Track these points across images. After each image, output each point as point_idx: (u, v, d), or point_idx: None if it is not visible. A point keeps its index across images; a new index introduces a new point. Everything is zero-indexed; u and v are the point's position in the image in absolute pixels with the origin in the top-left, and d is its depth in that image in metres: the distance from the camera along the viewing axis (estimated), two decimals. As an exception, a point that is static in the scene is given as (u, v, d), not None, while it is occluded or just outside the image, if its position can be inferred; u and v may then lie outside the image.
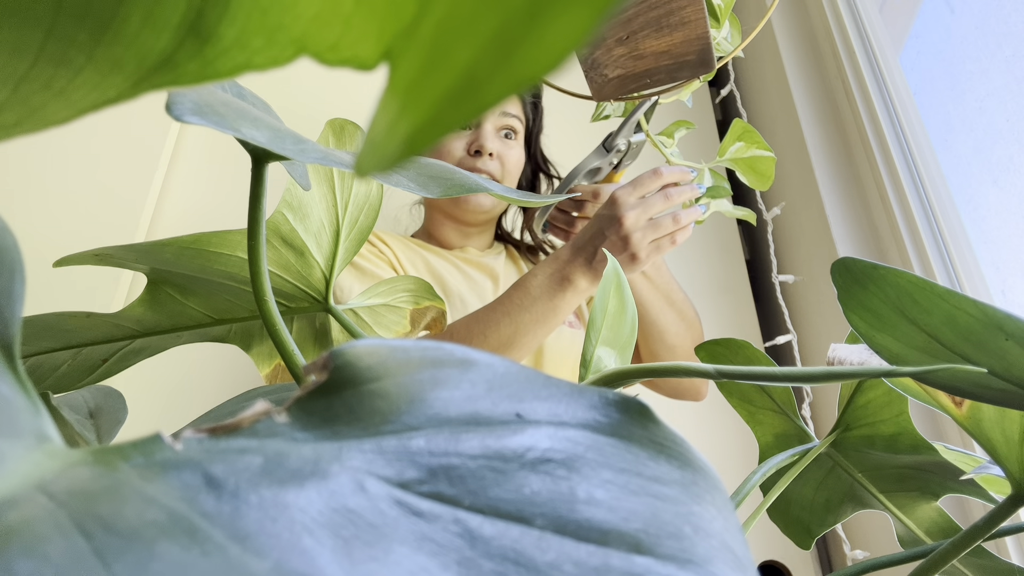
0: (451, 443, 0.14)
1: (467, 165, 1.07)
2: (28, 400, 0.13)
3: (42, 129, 0.14)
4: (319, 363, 0.15)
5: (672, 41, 0.52)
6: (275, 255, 0.40)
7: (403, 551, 0.11)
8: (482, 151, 1.07)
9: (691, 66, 0.54)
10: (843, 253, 1.17)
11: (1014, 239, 1.02)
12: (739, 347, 0.42)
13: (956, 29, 1.20)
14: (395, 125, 0.10)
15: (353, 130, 0.42)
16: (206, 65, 0.13)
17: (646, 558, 0.12)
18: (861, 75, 1.23)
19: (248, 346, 0.45)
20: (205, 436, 0.13)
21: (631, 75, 0.55)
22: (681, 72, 0.55)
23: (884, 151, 1.16)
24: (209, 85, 0.21)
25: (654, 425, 0.16)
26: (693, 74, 0.55)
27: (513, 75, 0.08)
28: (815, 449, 0.39)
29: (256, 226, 0.28)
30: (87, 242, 0.48)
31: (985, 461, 0.36)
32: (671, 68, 0.54)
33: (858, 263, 0.25)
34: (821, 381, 0.21)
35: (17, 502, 0.10)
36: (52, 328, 0.37)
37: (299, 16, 0.12)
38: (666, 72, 0.55)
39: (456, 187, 0.30)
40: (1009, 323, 0.22)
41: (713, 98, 1.69)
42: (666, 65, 0.54)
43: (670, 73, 0.55)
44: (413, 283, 0.50)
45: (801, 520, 0.44)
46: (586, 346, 0.31)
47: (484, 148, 1.07)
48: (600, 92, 0.59)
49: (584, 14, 0.07)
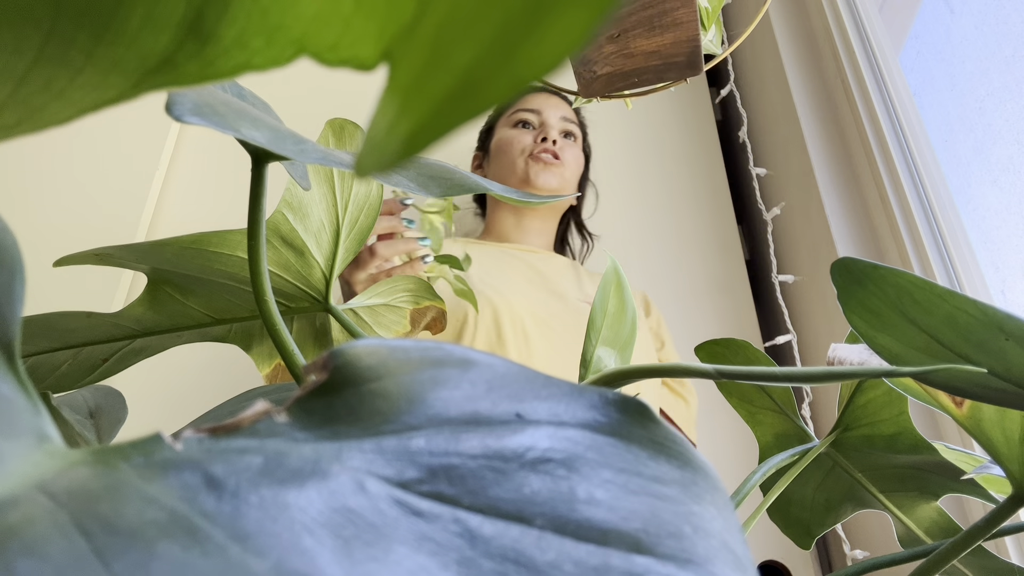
0: (451, 443, 0.14)
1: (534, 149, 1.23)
2: (28, 400, 0.13)
3: (42, 129, 0.14)
4: (319, 363, 0.15)
5: (663, 42, 0.52)
6: (275, 255, 0.40)
7: (403, 551, 0.11)
8: (548, 138, 1.23)
9: (679, 68, 0.54)
10: (843, 253, 1.17)
11: (1014, 239, 1.02)
12: (739, 347, 0.42)
13: (956, 29, 1.20)
14: (395, 125, 0.10)
15: (353, 130, 0.42)
16: (206, 65, 0.13)
17: (646, 558, 0.12)
18: (861, 75, 1.23)
19: (248, 346, 0.45)
20: (205, 436, 0.13)
21: (619, 73, 0.55)
22: (669, 73, 0.55)
23: (884, 151, 1.16)
24: (209, 85, 0.21)
25: (654, 425, 0.16)
26: (680, 76, 0.55)
27: (513, 75, 0.08)
28: (815, 449, 0.39)
29: (256, 226, 0.28)
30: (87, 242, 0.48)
31: (985, 461, 0.36)
32: (659, 69, 0.54)
33: (858, 263, 0.25)
34: (821, 381, 0.21)
35: (17, 502, 0.10)
36: (52, 328, 0.37)
37: (299, 16, 0.12)
38: (654, 72, 0.55)
39: (456, 187, 0.30)
40: (1009, 323, 0.22)
41: (713, 98, 1.69)
42: (655, 65, 0.54)
43: (658, 74, 0.55)
44: (413, 283, 0.50)
45: (801, 520, 0.44)
46: (586, 346, 0.31)
47: (550, 135, 1.23)
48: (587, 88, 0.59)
49: (583, 15, 0.07)
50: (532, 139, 1.24)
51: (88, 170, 1.38)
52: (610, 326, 0.32)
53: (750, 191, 1.48)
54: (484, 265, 1.12)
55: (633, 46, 0.52)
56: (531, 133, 1.25)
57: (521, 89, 0.08)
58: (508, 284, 1.08)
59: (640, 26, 0.51)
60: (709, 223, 1.51)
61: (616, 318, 0.33)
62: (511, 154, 1.23)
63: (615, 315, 0.33)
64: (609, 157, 1.57)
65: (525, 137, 1.24)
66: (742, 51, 1.66)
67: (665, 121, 1.63)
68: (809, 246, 1.28)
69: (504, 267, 1.14)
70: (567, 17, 0.08)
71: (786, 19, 1.47)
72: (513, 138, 1.25)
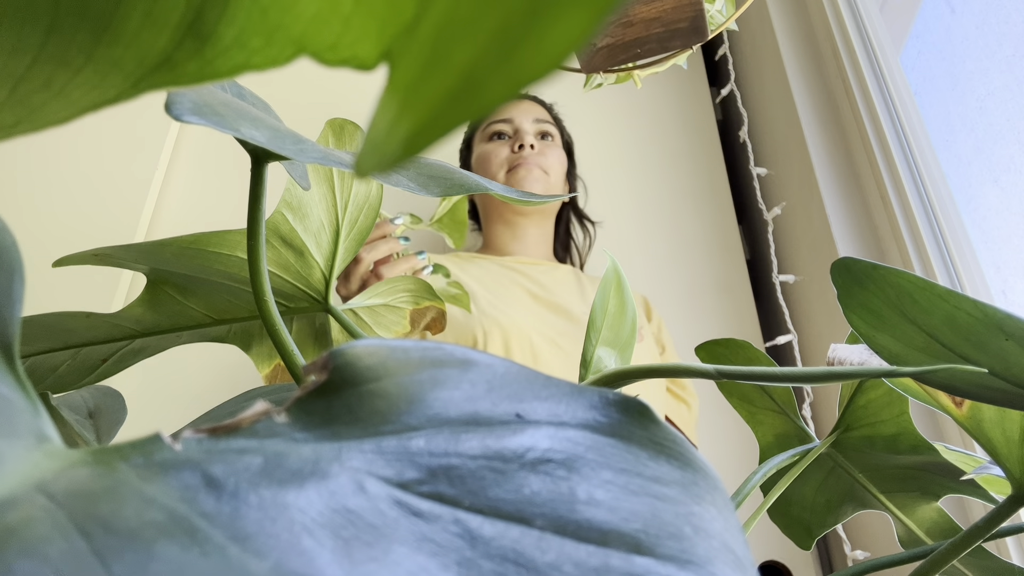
0: (451, 443, 0.14)
1: (512, 161, 1.22)
2: (27, 400, 0.13)
3: (42, 129, 0.14)
4: (319, 363, 0.15)
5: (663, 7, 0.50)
6: (275, 255, 0.40)
7: (403, 551, 0.11)
8: (524, 145, 1.21)
9: (683, 34, 0.53)
10: (843, 253, 1.17)
11: (1015, 239, 1.02)
12: (739, 347, 0.42)
13: (957, 29, 1.20)
14: (395, 125, 0.10)
15: (353, 130, 0.42)
16: (205, 65, 0.13)
17: (646, 558, 0.12)
18: (861, 75, 1.23)
19: (248, 346, 0.44)
20: (205, 436, 0.13)
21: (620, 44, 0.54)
22: (673, 41, 0.53)
23: (884, 151, 1.16)
24: (208, 85, 0.21)
25: (654, 425, 0.16)
26: (686, 43, 0.54)
27: (513, 76, 0.08)
28: (815, 449, 0.39)
29: (256, 226, 0.28)
30: (87, 242, 0.48)
31: (985, 461, 0.36)
32: (662, 36, 0.53)
33: (858, 263, 0.25)
34: (821, 381, 0.21)
35: (17, 502, 0.10)
36: (52, 328, 0.37)
37: (298, 16, 0.12)
38: (657, 41, 0.53)
39: (456, 187, 0.30)
40: (1009, 323, 0.22)
41: (713, 98, 1.69)
42: (657, 33, 0.52)
43: (661, 42, 0.53)
44: (413, 283, 0.50)
45: (801, 520, 0.44)
46: (586, 346, 0.31)
47: (525, 142, 1.21)
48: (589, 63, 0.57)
49: (584, 15, 0.07)
50: (509, 149, 1.23)
51: (88, 170, 1.38)
52: (610, 326, 0.32)
53: (751, 191, 1.48)
54: (488, 286, 1.11)
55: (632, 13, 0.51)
56: (507, 143, 1.24)
57: (521, 89, 0.08)
58: (514, 305, 1.08)
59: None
60: (710, 223, 1.50)
61: (616, 318, 0.33)
62: (491, 170, 1.22)
63: (615, 315, 0.33)
64: (610, 157, 1.57)
65: (502, 150, 1.24)
66: (743, 51, 1.66)
67: (665, 121, 1.63)
68: (810, 246, 1.28)
69: (508, 285, 1.13)
70: (567, 17, 0.08)
71: (787, 18, 1.47)
72: (490, 152, 1.24)
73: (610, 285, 0.33)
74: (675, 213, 1.52)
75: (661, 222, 1.51)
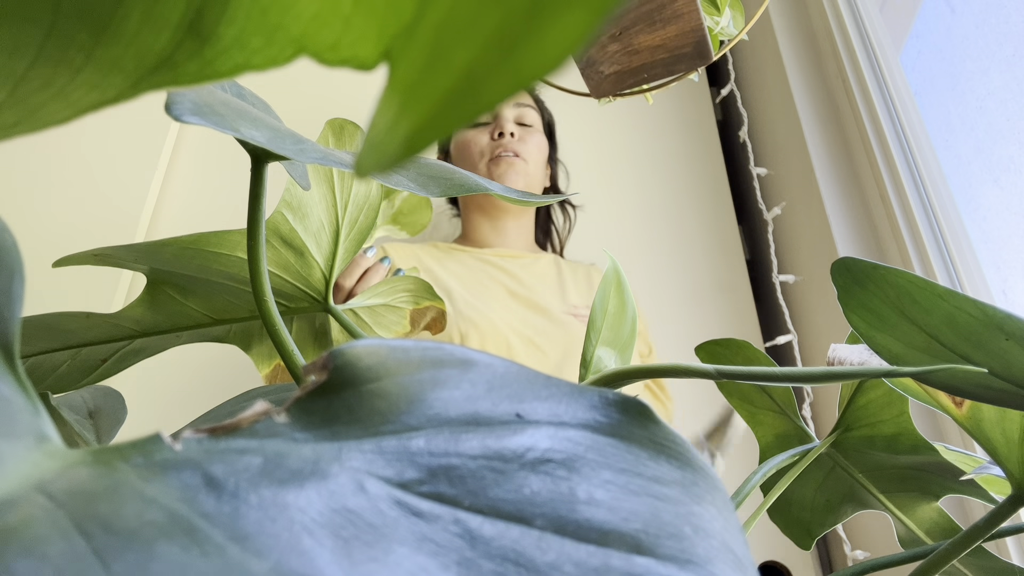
0: (451, 443, 0.14)
1: (492, 150, 1.21)
2: (27, 400, 0.13)
3: (41, 129, 0.14)
4: (319, 363, 0.15)
5: (666, 35, 0.51)
6: (275, 255, 0.40)
7: (403, 551, 0.11)
8: (504, 132, 1.20)
9: (688, 58, 0.54)
10: (843, 253, 1.17)
11: (1015, 239, 1.02)
12: (739, 347, 0.42)
13: (957, 28, 1.20)
14: (395, 125, 0.10)
15: (353, 130, 0.42)
16: (205, 65, 0.13)
17: (646, 558, 0.12)
18: (861, 75, 1.23)
19: (248, 346, 0.44)
20: (205, 436, 0.13)
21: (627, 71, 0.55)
22: (678, 65, 0.55)
23: (884, 151, 1.16)
24: (208, 85, 0.21)
25: (654, 425, 0.16)
26: (691, 66, 0.55)
27: (513, 76, 0.08)
28: (815, 449, 0.39)
29: (256, 226, 0.28)
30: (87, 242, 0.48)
31: (985, 461, 0.36)
32: (667, 61, 0.54)
33: (858, 263, 0.25)
34: (821, 381, 0.21)
35: (17, 502, 0.10)
36: (52, 328, 0.37)
37: (298, 16, 0.12)
38: (663, 66, 0.55)
39: (456, 187, 0.30)
40: (1009, 323, 0.22)
41: (713, 98, 1.69)
42: (662, 59, 0.54)
43: (667, 67, 0.55)
44: (413, 283, 0.50)
45: (801, 520, 0.44)
46: (586, 346, 0.31)
47: (505, 130, 1.20)
48: (598, 89, 0.58)
49: (583, 15, 0.07)
50: (489, 135, 1.22)
51: (88, 170, 1.38)
52: (610, 326, 0.32)
53: (751, 191, 1.48)
54: (465, 282, 1.10)
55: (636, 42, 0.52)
56: (487, 130, 1.23)
57: (521, 89, 0.08)
58: (491, 304, 1.07)
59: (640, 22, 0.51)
60: (710, 223, 1.50)
61: (616, 318, 0.33)
62: (471, 158, 1.21)
63: (615, 315, 0.33)
64: (610, 157, 1.57)
65: (481, 137, 1.22)
66: (743, 51, 1.66)
67: (666, 121, 1.63)
68: (810, 246, 1.28)
69: (487, 282, 1.12)
70: (567, 17, 0.08)
71: (787, 19, 1.47)
72: (470, 139, 1.23)
73: (610, 285, 0.33)
74: (675, 213, 1.52)
75: (661, 222, 1.51)
